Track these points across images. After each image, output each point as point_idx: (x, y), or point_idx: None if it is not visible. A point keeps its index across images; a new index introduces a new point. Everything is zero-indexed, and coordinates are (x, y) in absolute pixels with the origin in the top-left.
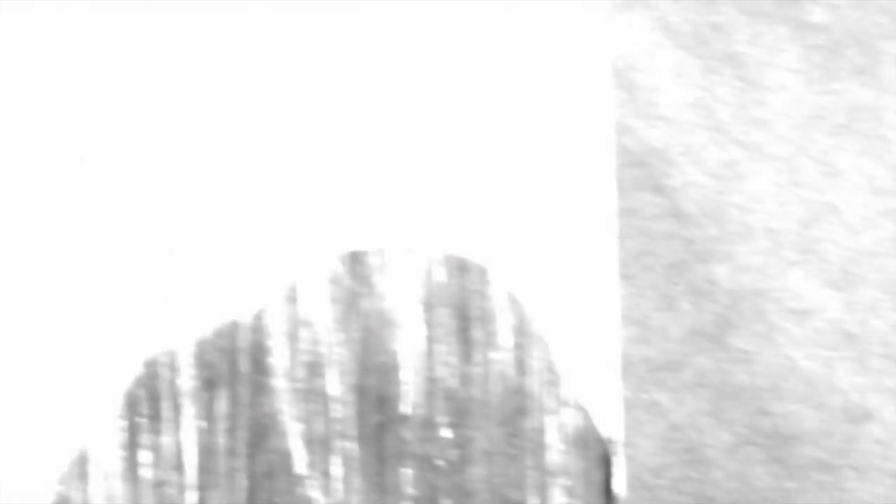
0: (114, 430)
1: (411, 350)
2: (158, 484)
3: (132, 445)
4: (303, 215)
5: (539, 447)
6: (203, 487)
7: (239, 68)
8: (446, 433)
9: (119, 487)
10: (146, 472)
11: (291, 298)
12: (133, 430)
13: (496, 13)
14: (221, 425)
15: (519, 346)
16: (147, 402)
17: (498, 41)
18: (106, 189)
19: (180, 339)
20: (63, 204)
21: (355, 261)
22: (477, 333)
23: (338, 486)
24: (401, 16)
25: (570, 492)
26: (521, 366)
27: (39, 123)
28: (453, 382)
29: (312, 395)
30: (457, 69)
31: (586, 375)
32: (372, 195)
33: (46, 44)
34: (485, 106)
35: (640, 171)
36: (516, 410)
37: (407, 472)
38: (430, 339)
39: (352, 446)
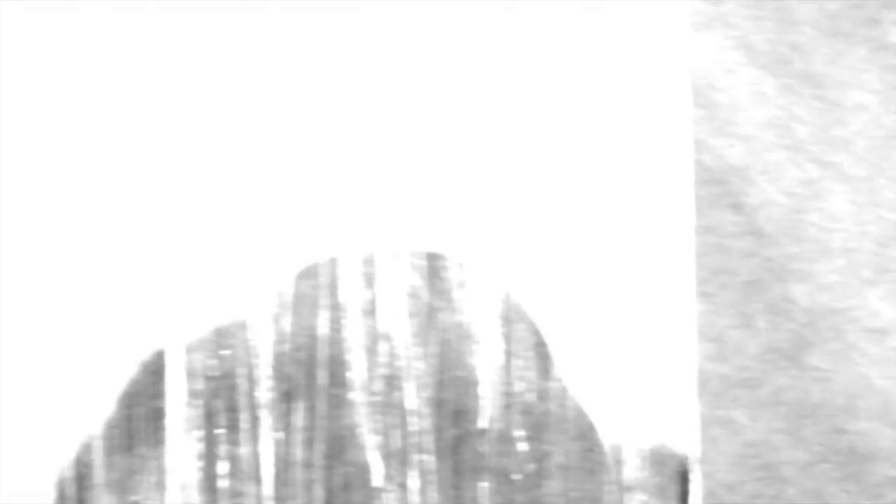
0: (191, 441)
1: (489, 364)
2: (235, 495)
3: (210, 456)
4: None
5: (616, 462)
6: (280, 499)
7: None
8: (523, 447)
9: (196, 498)
10: (224, 483)
11: (370, 312)
12: (210, 442)
13: (575, 32)
14: (299, 437)
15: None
16: (225, 414)
17: (578, 58)
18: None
19: (259, 350)
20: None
21: (434, 275)
22: (554, 348)
23: (415, 499)
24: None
25: None
26: None
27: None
28: (530, 397)
29: (390, 409)
30: (537, 87)
31: (663, 392)
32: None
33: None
34: (564, 122)
35: (719, 188)
36: (593, 425)
37: (484, 486)
38: (508, 354)
39: (429, 459)
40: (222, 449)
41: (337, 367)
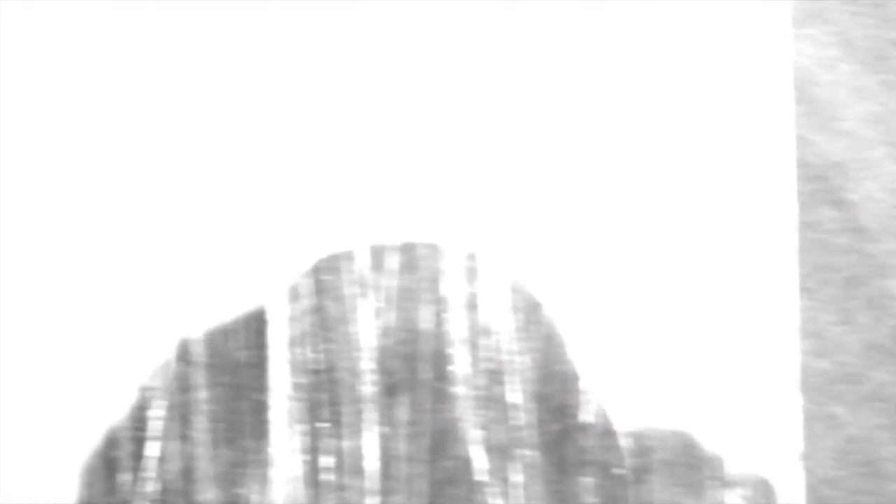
0: (295, 435)
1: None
2: (339, 489)
3: (314, 450)
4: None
5: (718, 457)
6: (384, 493)
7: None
8: (626, 442)
9: (301, 491)
10: (328, 477)
11: (472, 306)
12: (314, 436)
13: (673, 27)
14: (402, 431)
15: None
16: (328, 408)
17: (677, 53)
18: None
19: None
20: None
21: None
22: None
23: (518, 493)
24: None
25: (748, 502)
26: None
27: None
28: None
29: (493, 403)
30: (636, 83)
31: (766, 387)
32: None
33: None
34: (668, 119)
35: (820, 184)
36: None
37: (586, 481)
38: None
39: (532, 454)
40: (326, 443)
41: (440, 361)
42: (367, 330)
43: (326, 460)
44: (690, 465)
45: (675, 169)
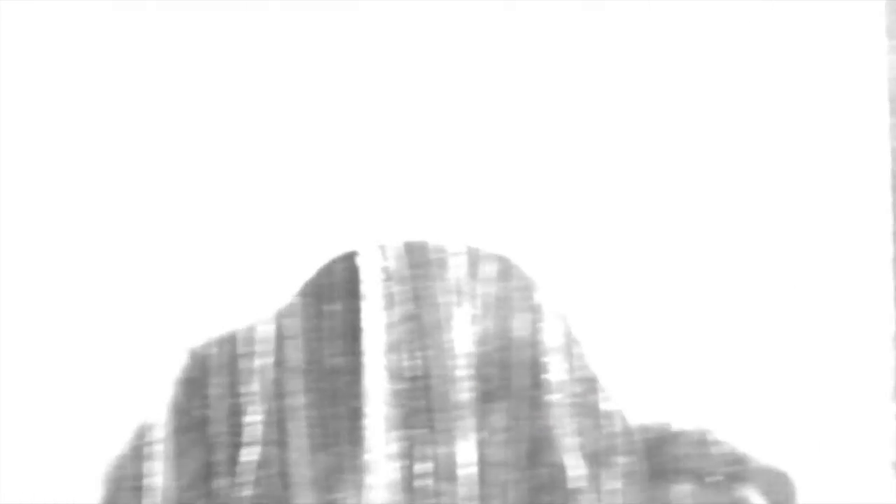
0: (391, 441)
1: None
2: (435, 495)
3: (409, 456)
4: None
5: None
6: (480, 499)
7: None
8: (720, 449)
9: (396, 497)
10: (423, 483)
11: (565, 315)
12: (410, 442)
13: (768, 39)
14: (498, 438)
15: None
16: (425, 414)
17: (773, 67)
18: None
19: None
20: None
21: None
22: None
23: (613, 500)
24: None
25: None
26: None
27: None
28: None
29: (588, 411)
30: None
31: (859, 396)
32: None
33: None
34: (762, 130)
35: None
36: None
37: (681, 489)
38: None
39: (627, 461)
40: (422, 449)
41: (535, 368)
42: (463, 337)
43: (423, 466)
44: (782, 472)
45: (774, 178)
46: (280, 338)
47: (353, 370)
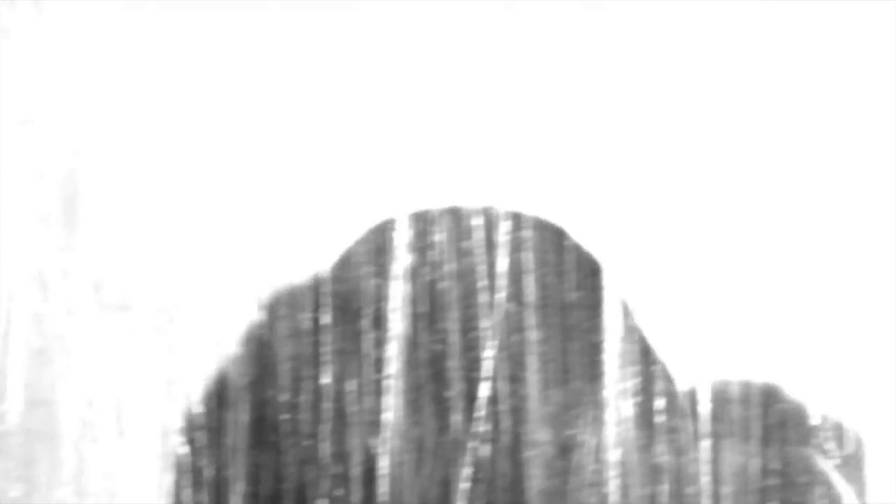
0: (628, 377)
1: None
2: (671, 431)
3: (646, 392)
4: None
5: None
6: (714, 436)
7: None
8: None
9: (632, 434)
10: (660, 419)
11: None
12: (647, 377)
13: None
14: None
15: None
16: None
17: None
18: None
19: None
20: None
21: None
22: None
23: (848, 437)
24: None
25: None
26: None
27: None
28: None
29: None
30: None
31: None
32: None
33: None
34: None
35: None
36: None
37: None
38: None
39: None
40: (658, 385)
41: None
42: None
43: (659, 402)
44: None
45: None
46: (516, 272)
47: (591, 305)
